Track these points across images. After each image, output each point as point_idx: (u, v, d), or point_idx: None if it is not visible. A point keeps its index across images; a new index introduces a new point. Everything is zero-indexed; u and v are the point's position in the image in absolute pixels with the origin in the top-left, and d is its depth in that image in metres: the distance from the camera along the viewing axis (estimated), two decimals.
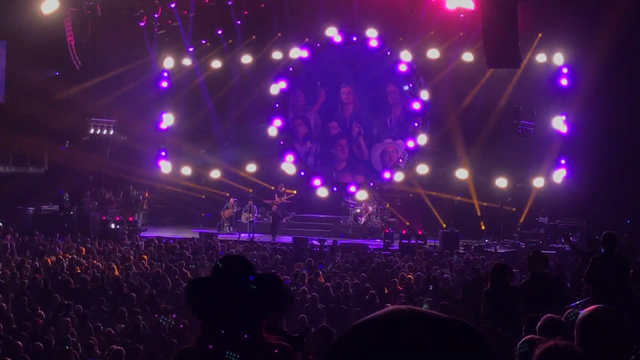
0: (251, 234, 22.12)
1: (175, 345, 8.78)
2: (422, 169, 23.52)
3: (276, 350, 2.62)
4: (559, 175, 21.80)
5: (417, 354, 1.23)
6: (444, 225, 21.77)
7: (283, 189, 23.23)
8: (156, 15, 23.91)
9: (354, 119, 25.16)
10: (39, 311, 10.69)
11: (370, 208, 23.11)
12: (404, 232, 20.61)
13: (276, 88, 24.78)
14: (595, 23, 19.73)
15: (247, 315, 2.61)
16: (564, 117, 21.75)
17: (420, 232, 20.30)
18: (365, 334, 1.29)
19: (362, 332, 1.30)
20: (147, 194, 24.75)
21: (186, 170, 25.05)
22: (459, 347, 1.26)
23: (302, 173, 24.96)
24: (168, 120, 25.29)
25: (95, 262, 15.50)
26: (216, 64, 25.10)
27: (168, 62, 25.10)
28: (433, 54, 23.05)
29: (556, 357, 2.54)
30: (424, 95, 23.89)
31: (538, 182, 21.78)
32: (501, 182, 22.16)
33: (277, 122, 24.87)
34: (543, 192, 21.71)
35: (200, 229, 22.73)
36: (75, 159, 24.23)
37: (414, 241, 19.67)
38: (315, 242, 19.08)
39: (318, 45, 24.61)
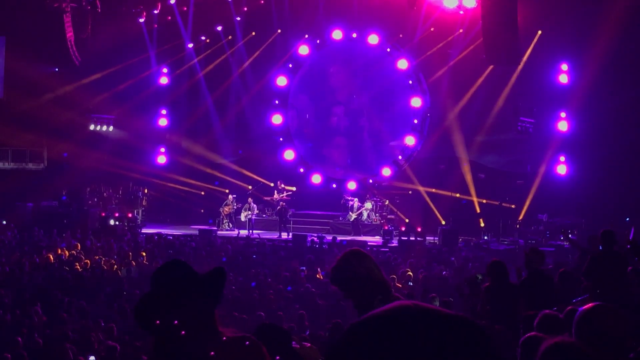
0: (250, 231, 22.13)
1: None
2: (422, 165, 23.49)
3: (239, 343, 2.57)
4: (559, 172, 21.80)
5: (422, 350, 1.23)
6: (443, 222, 21.79)
7: (282, 185, 23.23)
8: (155, 12, 23.90)
9: (352, 115, 25.15)
10: (38, 307, 10.70)
11: (365, 204, 23.00)
12: (403, 229, 20.60)
13: (276, 84, 24.78)
14: (595, 20, 19.71)
15: (198, 315, 2.57)
16: (563, 115, 21.73)
17: (419, 229, 20.29)
18: (371, 330, 1.28)
19: (368, 327, 1.29)
20: (146, 191, 24.74)
21: (185, 167, 25.08)
22: (464, 343, 1.26)
23: (302, 169, 24.96)
24: (167, 116, 25.28)
25: (94, 258, 15.51)
26: (216, 60, 25.07)
27: (167, 58, 25.08)
28: (432, 51, 23.05)
29: (562, 354, 2.54)
30: (424, 92, 23.91)
31: (537, 179, 21.79)
32: (500, 179, 22.17)
33: (277, 119, 24.86)
34: (542, 190, 21.71)
35: (204, 225, 22.82)
36: (74, 155, 24.24)
37: (413, 238, 19.67)
38: (314, 239, 19.07)
39: (318, 42, 24.60)
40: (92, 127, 24.48)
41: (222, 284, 2.70)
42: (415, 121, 24.14)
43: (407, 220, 22.11)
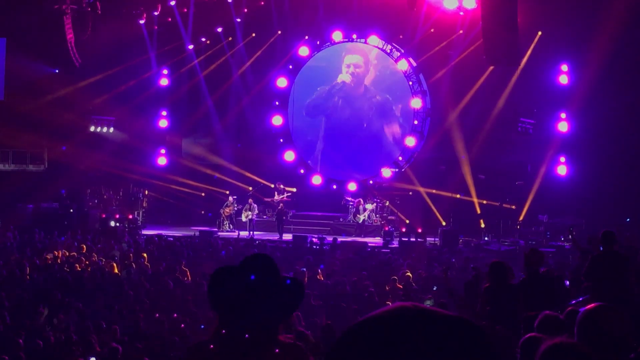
0: (251, 232, 22.13)
1: (177, 344, 8.77)
2: (422, 166, 23.51)
3: (289, 350, 2.60)
4: (559, 173, 21.80)
5: (422, 352, 1.22)
6: (444, 223, 21.79)
7: (282, 186, 23.23)
8: (156, 13, 23.91)
9: (353, 116, 25.16)
10: (39, 309, 10.69)
11: (366, 206, 23.05)
12: (404, 229, 20.60)
13: (277, 86, 24.81)
14: (596, 21, 19.71)
15: (271, 315, 2.60)
16: (564, 115, 21.75)
17: (419, 230, 20.28)
18: (370, 331, 1.28)
19: (366, 329, 1.29)
20: (146, 192, 24.75)
21: (185, 168, 25.10)
22: (464, 345, 1.25)
23: (302, 171, 24.98)
24: (168, 117, 25.30)
25: (94, 259, 15.50)
26: (216, 61, 25.07)
27: (168, 60, 25.08)
28: (433, 52, 23.08)
29: (562, 355, 2.53)
30: (424, 93, 23.94)
31: (538, 180, 21.80)
32: (500, 180, 22.17)
33: (277, 120, 24.89)
34: (543, 190, 21.71)
35: (205, 226, 22.83)
36: (75, 156, 24.25)
37: (414, 239, 19.67)
38: (315, 240, 19.08)
39: (318, 42, 24.62)
40: (92, 128, 24.50)
41: (300, 296, 2.72)
42: (416, 122, 24.17)
43: (407, 221, 22.10)
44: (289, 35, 24.57)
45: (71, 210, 22.33)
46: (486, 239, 21.21)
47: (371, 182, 24.44)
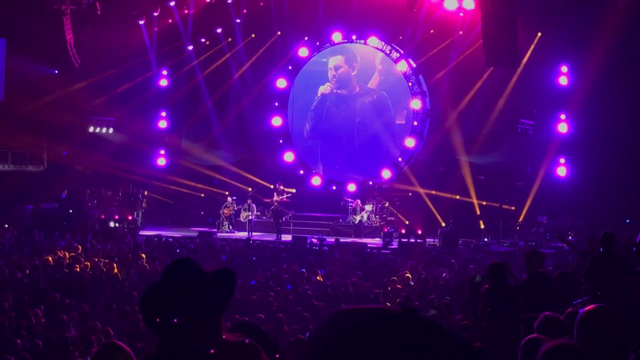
0: (250, 233, 22.12)
1: None
2: (422, 167, 23.50)
3: (235, 349, 2.52)
4: (559, 174, 21.80)
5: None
6: (443, 224, 21.78)
7: (281, 187, 23.21)
8: (155, 14, 23.89)
9: (352, 118, 25.16)
10: (39, 309, 10.68)
11: (365, 206, 23.06)
12: (403, 231, 20.59)
13: (276, 86, 24.82)
14: (595, 22, 19.72)
15: (205, 318, 2.51)
16: (563, 116, 21.75)
17: (419, 231, 20.27)
18: (352, 335, 1.22)
19: (349, 330, 1.22)
20: (146, 193, 24.72)
21: (185, 169, 25.10)
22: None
23: (301, 172, 24.97)
24: (167, 118, 25.28)
25: (94, 260, 15.49)
26: (215, 62, 25.06)
27: (167, 61, 25.05)
28: (432, 52, 23.08)
29: (563, 357, 2.53)
30: (424, 94, 23.93)
31: (537, 181, 21.80)
32: (500, 181, 22.18)
33: (277, 121, 24.88)
34: (542, 191, 21.71)
35: (204, 227, 22.81)
36: (74, 157, 24.22)
37: (414, 240, 19.66)
38: (314, 241, 19.06)
39: (317, 43, 24.62)
40: (91, 129, 24.47)
41: (231, 288, 2.63)
42: (415, 123, 24.16)
43: (407, 222, 22.09)
44: (288, 36, 24.56)
45: (70, 211, 22.29)
46: (486, 240, 21.19)
47: (371, 183, 24.43)
